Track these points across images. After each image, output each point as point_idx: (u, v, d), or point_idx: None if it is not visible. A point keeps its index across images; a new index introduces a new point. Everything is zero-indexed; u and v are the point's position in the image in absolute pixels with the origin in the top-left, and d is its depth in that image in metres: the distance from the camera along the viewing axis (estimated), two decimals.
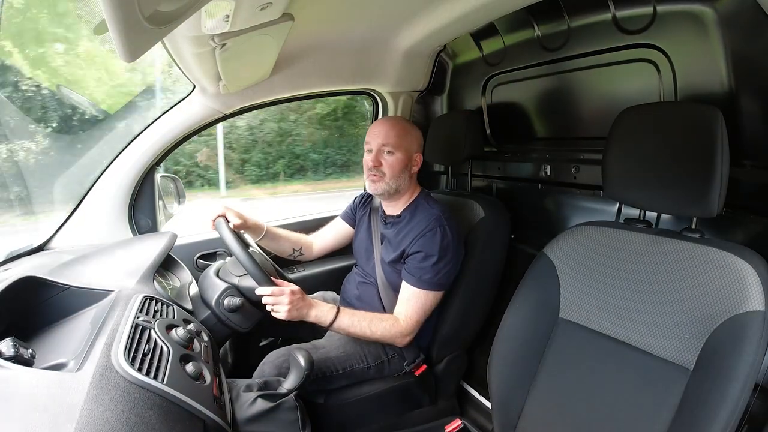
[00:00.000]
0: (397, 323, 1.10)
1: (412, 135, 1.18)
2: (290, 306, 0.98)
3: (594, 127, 1.20)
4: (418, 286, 1.10)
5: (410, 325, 1.10)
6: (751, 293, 0.65)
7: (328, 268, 1.67)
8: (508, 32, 1.31)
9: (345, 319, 1.06)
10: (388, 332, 1.08)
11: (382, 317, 1.11)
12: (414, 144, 1.18)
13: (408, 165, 1.17)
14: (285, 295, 0.98)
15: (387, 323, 1.09)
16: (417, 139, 1.19)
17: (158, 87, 2.85)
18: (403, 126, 1.17)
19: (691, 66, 0.92)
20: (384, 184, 1.16)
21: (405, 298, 1.12)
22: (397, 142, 1.14)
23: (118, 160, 1.27)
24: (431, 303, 1.12)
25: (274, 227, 1.33)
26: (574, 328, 0.86)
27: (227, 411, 0.73)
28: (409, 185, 1.20)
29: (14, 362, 0.54)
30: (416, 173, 1.21)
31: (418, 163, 1.19)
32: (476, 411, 1.42)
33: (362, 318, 1.08)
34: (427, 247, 1.09)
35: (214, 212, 1.14)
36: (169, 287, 1.06)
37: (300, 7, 0.89)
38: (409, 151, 1.16)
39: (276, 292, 0.98)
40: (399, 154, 1.15)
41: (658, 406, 0.71)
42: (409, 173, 1.18)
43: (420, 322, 1.12)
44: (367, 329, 1.07)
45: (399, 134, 1.15)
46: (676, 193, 0.74)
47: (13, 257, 1.08)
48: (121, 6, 0.39)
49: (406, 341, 1.12)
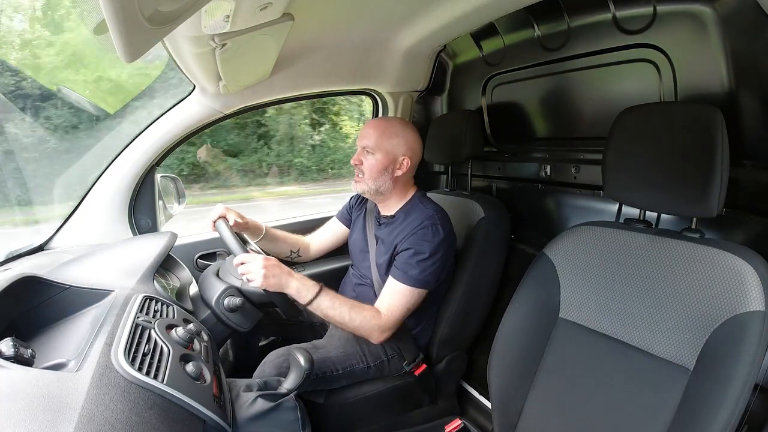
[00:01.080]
0: (377, 316, 1.06)
1: (401, 137, 1.15)
2: (265, 271, 0.96)
3: (594, 127, 1.20)
4: (403, 281, 1.07)
5: (390, 320, 1.07)
6: (751, 293, 0.65)
7: (326, 269, 1.66)
8: (508, 32, 1.31)
9: (325, 300, 1.03)
10: (367, 323, 1.05)
11: (364, 307, 1.07)
12: (401, 147, 1.15)
13: (389, 167, 1.15)
14: (258, 261, 0.97)
15: (367, 313, 1.06)
16: (407, 142, 1.15)
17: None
18: (389, 127, 1.15)
19: (691, 66, 0.92)
20: (363, 184, 1.16)
21: (388, 292, 1.09)
22: (378, 143, 1.13)
23: (118, 160, 1.27)
24: (415, 300, 1.09)
25: (272, 228, 1.33)
26: (574, 328, 0.86)
27: (227, 411, 0.73)
28: (393, 187, 1.18)
29: (14, 362, 0.54)
30: (405, 176, 1.18)
31: (405, 166, 1.15)
32: (476, 411, 1.42)
33: (343, 303, 1.05)
34: (418, 244, 1.08)
35: (215, 213, 1.14)
36: (169, 287, 1.06)
37: (300, 7, 0.89)
38: (392, 154, 1.14)
39: (248, 258, 0.98)
40: (379, 156, 1.13)
41: (658, 406, 0.71)
42: (392, 176, 1.15)
43: (401, 320, 1.09)
44: (347, 315, 1.04)
45: (381, 136, 1.14)
46: (676, 193, 0.74)
47: (13, 257, 1.08)
48: (121, 6, 0.39)
49: (383, 337, 1.08)
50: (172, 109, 1.28)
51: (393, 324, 1.08)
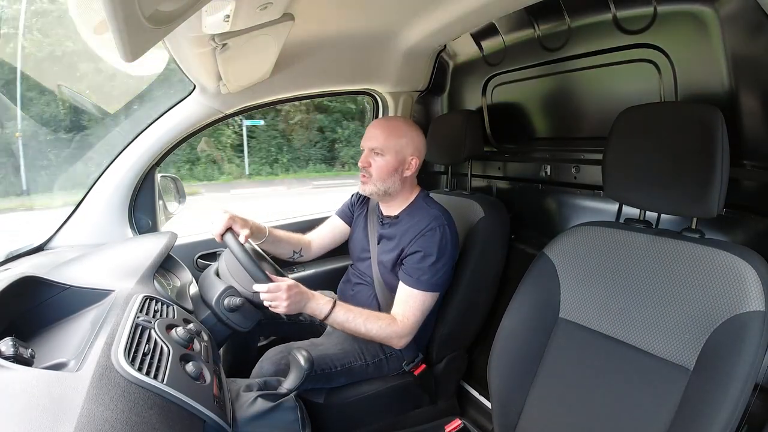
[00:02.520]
0: (393, 323, 1.08)
1: (408, 137, 1.15)
2: (288, 301, 0.99)
3: (594, 127, 1.20)
4: (415, 287, 1.09)
5: (407, 326, 1.09)
6: (751, 293, 0.65)
7: (326, 268, 1.67)
8: (508, 32, 1.31)
9: (340, 315, 1.06)
10: (384, 331, 1.07)
11: (379, 316, 1.10)
12: (409, 147, 1.14)
13: (399, 168, 1.14)
14: (282, 291, 0.98)
15: (383, 322, 1.08)
16: (413, 142, 1.15)
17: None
18: (396, 128, 1.15)
19: (692, 66, 0.92)
20: (371, 186, 1.15)
21: (402, 299, 1.11)
22: (386, 144, 1.12)
23: (118, 160, 1.27)
24: (429, 304, 1.11)
25: (275, 230, 1.31)
26: (574, 328, 0.86)
27: (227, 411, 0.73)
28: (401, 188, 1.18)
29: (13, 361, 0.54)
30: (412, 176, 1.18)
31: (413, 166, 1.15)
32: (476, 411, 1.43)
33: (358, 315, 1.07)
34: (426, 246, 1.08)
35: (220, 222, 1.07)
36: (169, 287, 1.06)
37: (300, 7, 0.89)
38: (401, 154, 1.14)
39: (273, 288, 0.98)
40: (388, 157, 1.13)
41: (658, 406, 0.71)
42: (401, 177, 1.15)
43: (418, 324, 1.10)
44: (362, 326, 1.06)
45: (389, 136, 1.13)
46: (676, 193, 0.74)
47: (13, 257, 1.08)
48: (121, 6, 0.39)
49: (402, 343, 1.10)
50: (172, 109, 1.28)
51: (410, 329, 1.10)
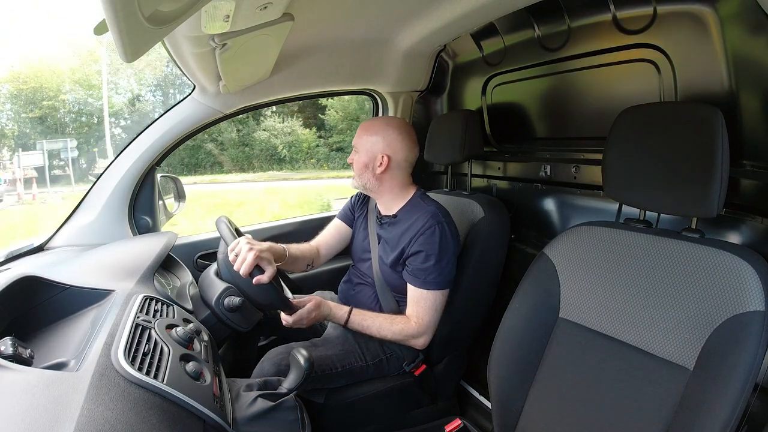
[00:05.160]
0: (408, 325, 1.11)
1: (380, 135, 1.16)
2: (309, 321, 1.07)
3: (594, 127, 1.20)
4: (424, 287, 1.10)
5: (422, 325, 1.11)
6: (751, 293, 0.65)
7: (327, 268, 1.66)
8: (508, 32, 1.31)
9: (355, 322, 1.12)
10: (400, 333, 1.11)
11: (394, 319, 1.12)
12: (379, 144, 1.15)
13: (369, 165, 1.17)
14: (303, 319, 1.06)
15: (397, 326, 1.11)
16: (386, 140, 1.15)
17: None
18: (371, 126, 1.19)
19: (692, 66, 0.92)
20: (354, 180, 1.23)
21: (414, 300, 1.12)
22: (358, 141, 1.19)
23: (118, 160, 1.27)
24: (440, 301, 1.13)
25: (291, 247, 1.27)
26: (574, 328, 0.86)
27: (227, 411, 0.73)
28: (379, 184, 1.19)
29: (12, 361, 0.54)
30: (391, 174, 1.18)
31: (384, 163, 1.15)
32: (476, 411, 1.43)
33: (374, 319, 1.12)
34: (427, 246, 1.09)
35: (247, 262, 0.95)
36: (169, 287, 1.06)
37: (300, 7, 0.89)
38: (371, 152, 1.16)
39: (296, 316, 1.05)
40: (361, 154, 1.18)
41: (658, 406, 0.71)
42: (373, 173, 1.17)
43: (434, 322, 1.13)
44: (375, 330, 1.12)
45: (362, 134, 1.18)
46: (676, 193, 0.74)
47: (13, 257, 1.08)
48: (121, 6, 0.39)
49: (421, 342, 1.13)
50: (172, 109, 1.28)
51: (426, 328, 1.12)
